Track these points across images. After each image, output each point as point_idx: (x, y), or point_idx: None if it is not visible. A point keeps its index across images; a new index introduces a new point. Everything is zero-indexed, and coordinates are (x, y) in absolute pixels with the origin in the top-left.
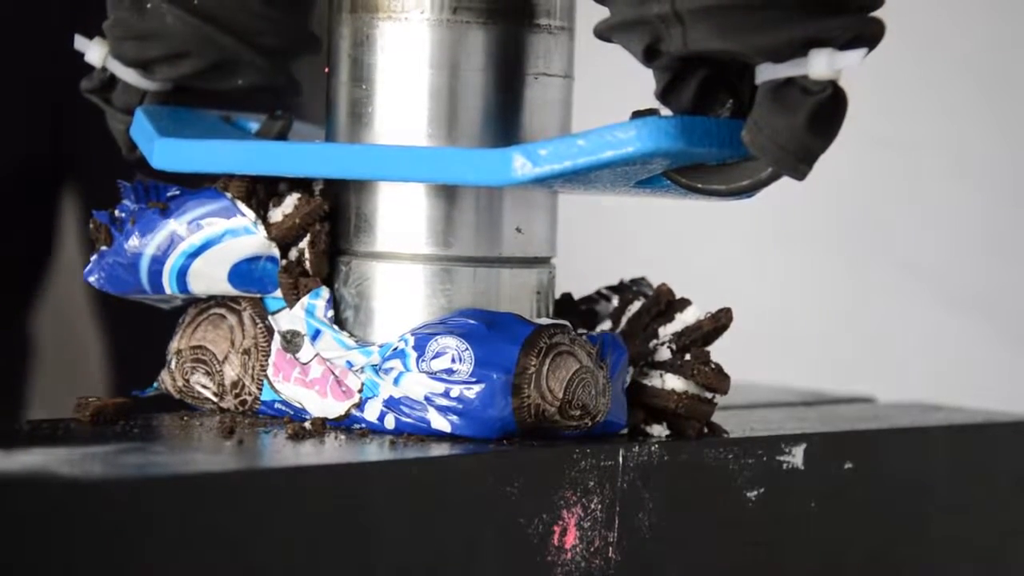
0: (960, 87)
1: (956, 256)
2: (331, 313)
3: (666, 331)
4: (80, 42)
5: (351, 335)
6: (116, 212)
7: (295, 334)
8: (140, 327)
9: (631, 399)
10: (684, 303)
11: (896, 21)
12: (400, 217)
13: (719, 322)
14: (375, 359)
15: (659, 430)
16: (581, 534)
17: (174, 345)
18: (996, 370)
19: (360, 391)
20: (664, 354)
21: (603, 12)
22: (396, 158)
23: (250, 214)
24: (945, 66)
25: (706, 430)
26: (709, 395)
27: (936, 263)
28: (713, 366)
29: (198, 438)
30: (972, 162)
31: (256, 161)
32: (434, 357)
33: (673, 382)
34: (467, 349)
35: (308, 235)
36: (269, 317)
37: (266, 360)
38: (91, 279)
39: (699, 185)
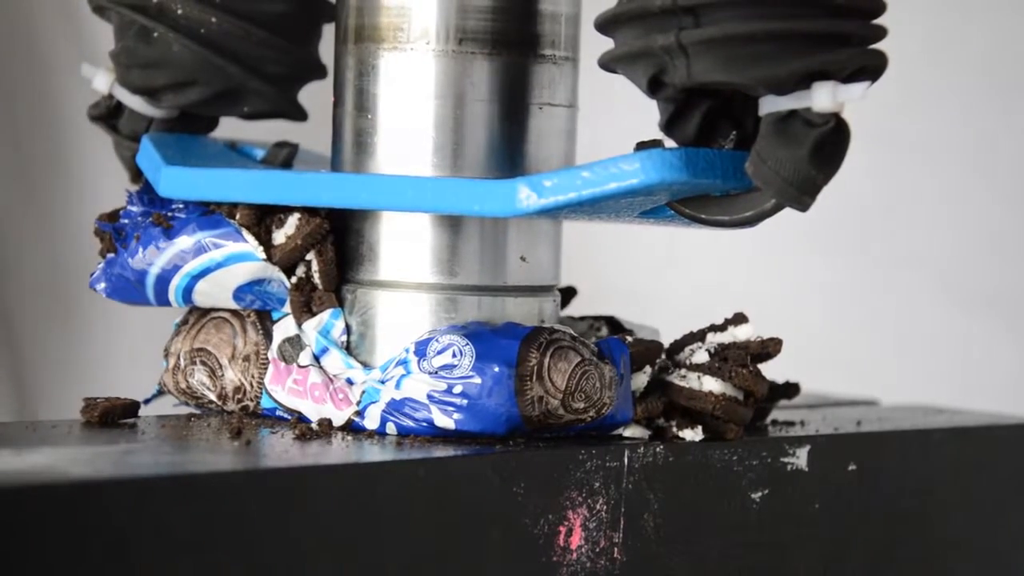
0: (975, 85)
1: (969, 256)
2: (345, 338)
3: (713, 339)
4: (87, 69)
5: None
6: (121, 218)
7: (294, 342)
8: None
9: (666, 401)
10: (741, 319)
11: (910, 19)
12: (405, 246)
13: (766, 349)
14: (376, 375)
15: (691, 434)
16: (587, 535)
17: (175, 346)
18: (1013, 371)
19: (359, 401)
20: (702, 356)
21: (608, 43)
22: (401, 188)
23: (252, 241)
24: (960, 64)
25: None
26: (746, 398)
27: (949, 263)
28: (751, 369)
29: (206, 439)
30: (987, 161)
31: (261, 190)
32: (435, 355)
33: (711, 384)
34: (467, 344)
35: (313, 250)
36: (271, 324)
37: (265, 368)
38: (98, 287)
39: (703, 216)
